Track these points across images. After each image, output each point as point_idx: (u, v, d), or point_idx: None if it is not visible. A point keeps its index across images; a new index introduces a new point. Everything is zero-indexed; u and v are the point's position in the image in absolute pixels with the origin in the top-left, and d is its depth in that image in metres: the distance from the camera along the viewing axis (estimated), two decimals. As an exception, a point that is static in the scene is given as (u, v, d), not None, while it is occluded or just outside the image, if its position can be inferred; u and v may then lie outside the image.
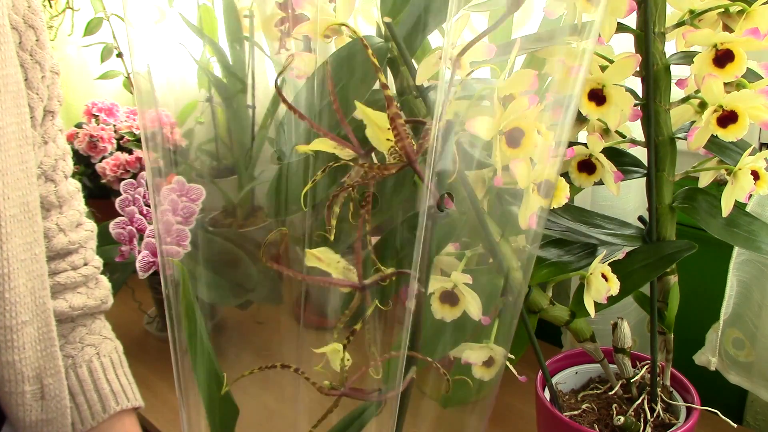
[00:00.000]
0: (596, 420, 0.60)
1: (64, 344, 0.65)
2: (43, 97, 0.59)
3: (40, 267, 0.60)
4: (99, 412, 0.65)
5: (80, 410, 0.65)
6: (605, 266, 0.53)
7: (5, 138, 0.55)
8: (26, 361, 0.59)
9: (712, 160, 0.57)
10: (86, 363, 0.66)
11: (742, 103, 0.48)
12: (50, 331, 0.61)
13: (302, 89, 0.43)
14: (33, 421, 0.61)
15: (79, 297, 0.66)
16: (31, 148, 0.58)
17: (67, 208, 0.66)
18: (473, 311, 0.46)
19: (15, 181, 0.56)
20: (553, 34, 0.50)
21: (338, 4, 0.43)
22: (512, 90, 0.41)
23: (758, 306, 0.76)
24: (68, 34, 1.30)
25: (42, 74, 0.59)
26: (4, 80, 0.54)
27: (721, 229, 0.54)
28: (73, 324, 0.67)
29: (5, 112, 0.55)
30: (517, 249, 0.49)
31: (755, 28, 0.46)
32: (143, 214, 0.93)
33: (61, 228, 0.64)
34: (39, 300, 0.60)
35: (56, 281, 0.64)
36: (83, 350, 0.66)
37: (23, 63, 0.57)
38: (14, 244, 0.56)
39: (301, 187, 0.42)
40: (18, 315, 0.57)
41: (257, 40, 0.85)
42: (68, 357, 0.65)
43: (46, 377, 0.61)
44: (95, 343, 0.67)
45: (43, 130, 0.62)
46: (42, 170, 0.62)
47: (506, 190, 0.45)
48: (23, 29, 0.57)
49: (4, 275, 0.55)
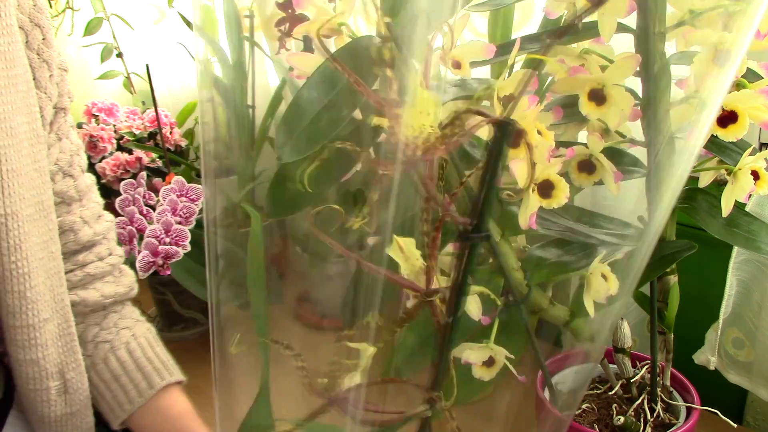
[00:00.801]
0: (596, 420, 0.60)
1: (99, 332, 0.66)
2: (51, 95, 0.60)
3: (57, 264, 0.61)
4: (145, 389, 0.65)
5: (126, 390, 0.65)
6: (605, 266, 0.53)
7: (17, 138, 0.55)
8: (49, 358, 0.60)
9: (712, 160, 0.57)
10: (124, 345, 0.66)
11: (742, 103, 0.48)
12: (69, 327, 0.62)
13: (304, 88, 0.43)
14: (58, 416, 0.62)
15: (108, 286, 0.67)
16: (43, 147, 0.59)
17: (87, 201, 0.66)
18: (473, 311, 0.46)
19: (29, 180, 0.57)
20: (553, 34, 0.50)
21: (338, 4, 0.43)
22: (512, 90, 0.41)
23: (758, 306, 0.76)
24: (68, 34, 1.30)
25: (50, 73, 0.59)
26: (13, 80, 0.55)
27: (721, 229, 0.54)
28: (105, 312, 0.68)
29: (16, 111, 0.55)
30: (517, 249, 0.49)
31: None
32: (143, 214, 0.93)
33: (85, 220, 0.65)
34: (58, 297, 0.61)
35: (86, 272, 0.65)
36: (119, 334, 0.67)
37: (31, 62, 0.58)
38: (32, 243, 0.57)
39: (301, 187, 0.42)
40: (39, 313, 0.58)
41: (257, 40, 0.85)
42: (105, 342, 0.66)
43: (69, 372, 0.62)
44: (129, 326, 0.68)
45: (57, 126, 0.62)
46: (59, 166, 0.63)
47: (506, 190, 0.45)
48: (29, 28, 0.57)
49: (25, 274, 0.56)
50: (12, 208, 0.55)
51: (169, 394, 0.67)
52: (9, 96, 0.54)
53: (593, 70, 0.50)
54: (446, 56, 0.42)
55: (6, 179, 0.54)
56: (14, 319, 0.57)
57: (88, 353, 0.66)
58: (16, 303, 0.57)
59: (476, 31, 0.52)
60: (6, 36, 0.54)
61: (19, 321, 0.57)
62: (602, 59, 0.51)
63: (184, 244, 0.90)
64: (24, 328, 0.58)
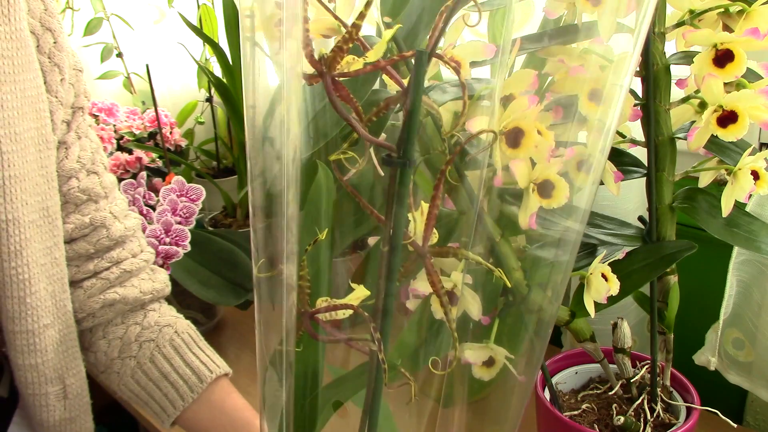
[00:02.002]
0: (596, 420, 0.60)
1: (141, 331, 0.66)
2: (63, 99, 0.60)
3: (60, 270, 0.60)
4: (196, 384, 0.65)
5: (177, 387, 0.65)
6: (605, 266, 0.53)
7: (23, 143, 0.55)
8: (48, 363, 0.60)
9: (712, 160, 0.57)
10: (168, 342, 0.66)
11: (742, 103, 0.48)
12: (71, 333, 0.62)
13: (301, 90, 0.43)
14: (57, 420, 0.62)
15: (145, 282, 0.67)
16: (52, 152, 0.58)
17: (113, 197, 0.66)
18: (473, 311, 0.46)
19: (34, 186, 0.56)
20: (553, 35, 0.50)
21: (338, 4, 0.43)
22: (512, 90, 0.41)
23: (758, 306, 0.76)
24: (68, 34, 1.30)
25: (61, 77, 0.59)
26: (21, 85, 0.55)
27: (721, 229, 0.54)
28: (144, 311, 0.68)
29: (23, 117, 0.55)
30: (517, 249, 0.49)
31: (755, 28, 0.46)
32: (143, 214, 0.93)
33: (115, 216, 0.65)
34: (60, 303, 0.60)
35: (123, 269, 0.65)
36: (161, 331, 0.66)
37: (42, 66, 0.57)
38: (34, 249, 0.57)
39: (301, 187, 0.42)
40: (40, 319, 0.58)
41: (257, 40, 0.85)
42: (149, 341, 0.66)
43: (69, 377, 0.62)
44: (171, 323, 0.68)
45: (76, 125, 0.62)
46: (81, 164, 0.62)
47: (506, 190, 0.45)
48: (41, 32, 0.57)
49: (25, 280, 0.56)
50: (14, 214, 0.55)
51: (219, 387, 0.66)
52: (15, 101, 0.54)
53: (593, 70, 0.50)
54: (446, 56, 0.42)
55: (8, 185, 0.54)
56: (14, 325, 0.57)
57: (133, 354, 0.65)
58: (16, 308, 0.57)
59: (476, 31, 0.52)
60: (14, 41, 0.54)
61: (18, 326, 0.57)
62: (602, 59, 0.51)
63: (184, 244, 0.90)
64: (23, 334, 0.58)
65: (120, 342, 0.65)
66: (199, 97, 1.35)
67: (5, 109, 0.53)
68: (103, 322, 0.65)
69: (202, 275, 0.94)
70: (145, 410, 0.67)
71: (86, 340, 0.66)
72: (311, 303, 0.38)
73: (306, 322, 0.38)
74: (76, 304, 0.63)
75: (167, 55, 1.31)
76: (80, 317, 0.64)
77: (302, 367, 0.46)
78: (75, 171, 0.61)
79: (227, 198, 1.20)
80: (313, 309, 0.38)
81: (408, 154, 0.33)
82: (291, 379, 0.42)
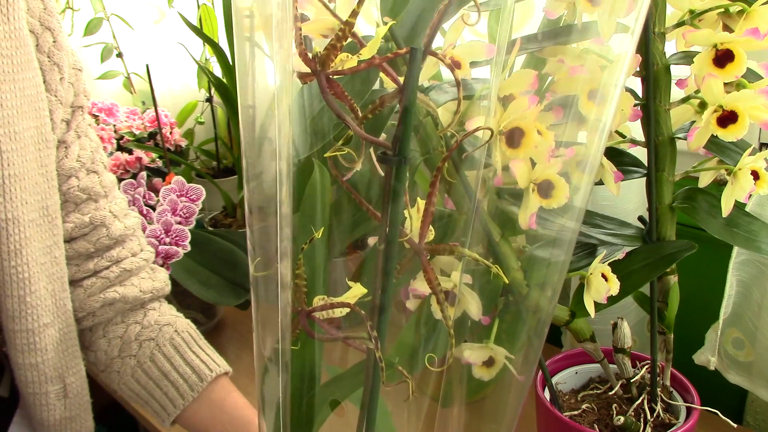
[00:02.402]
0: (596, 420, 0.60)
1: (141, 330, 0.66)
2: (62, 98, 0.60)
3: (59, 269, 0.60)
4: (196, 383, 0.65)
5: (177, 386, 0.65)
6: (605, 266, 0.53)
7: (23, 142, 0.55)
8: (48, 363, 0.60)
9: (712, 160, 0.57)
10: (168, 341, 0.66)
11: (742, 103, 0.48)
12: (71, 331, 0.62)
13: (301, 90, 0.43)
14: (57, 419, 0.62)
15: (145, 281, 0.67)
16: (51, 151, 0.58)
17: (112, 196, 0.66)
18: (473, 311, 0.46)
19: (34, 185, 0.56)
20: (554, 34, 0.50)
21: (338, 4, 0.43)
22: (512, 90, 0.41)
23: (758, 306, 0.76)
24: (68, 34, 1.30)
25: (60, 76, 0.59)
26: (20, 84, 0.55)
27: (721, 229, 0.54)
28: (144, 310, 0.68)
29: (22, 116, 0.55)
30: (517, 249, 0.49)
31: (755, 28, 0.46)
32: (143, 214, 0.93)
33: (115, 215, 0.65)
34: (60, 302, 0.60)
35: (122, 268, 0.65)
36: (161, 330, 0.67)
37: (41, 65, 0.57)
38: (34, 248, 0.57)
39: (298, 186, 0.42)
40: (39, 318, 0.58)
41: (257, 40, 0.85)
42: (149, 340, 0.66)
43: (69, 376, 0.62)
44: (170, 322, 0.68)
45: (75, 124, 0.62)
46: (81, 163, 0.63)
47: (506, 190, 0.45)
48: (40, 31, 0.57)
49: (25, 279, 0.56)
50: (13, 213, 0.55)
51: (220, 385, 0.67)
52: (14, 100, 0.54)
53: (593, 70, 0.50)
54: (446, 56, 0.42)
55: (8, 184, 0.54)
56: (14, 324, 0.57)
57: (133, 353, 0.65)
58: (16, 307, 0.57)
59: (476, 31, 0.52)
60: (13, 40, 0.54)
61: (18, 325, 0.57)
62: (602, 59, 0.51)
63: (184, 244, 0.90)
64: (23, 333, 0.58)
65: (120, 341, 0.65)
66: (199, 97, 1.35)
67: (4, 108, 0.53)
68: (103, 321, 0.65)
69: (202, 275, 0.94)
70: (145, 409, 0.67)
71: (86, 339, 0.66)
72: (308, 301, 0.38)
73: (303, 320, 0.38)
74: (76, 303, 0.63)
75: (167, 55, 1.31)
76: (80, 316, 0.64)
77: (300, 365, 0.46)
78: (75, 170, 0.61)
79: (227, 198, 1.20)
80: (309, 307, 0.38)
81: (403, 151, 0.33)
82: (287, 378, 0.42)
